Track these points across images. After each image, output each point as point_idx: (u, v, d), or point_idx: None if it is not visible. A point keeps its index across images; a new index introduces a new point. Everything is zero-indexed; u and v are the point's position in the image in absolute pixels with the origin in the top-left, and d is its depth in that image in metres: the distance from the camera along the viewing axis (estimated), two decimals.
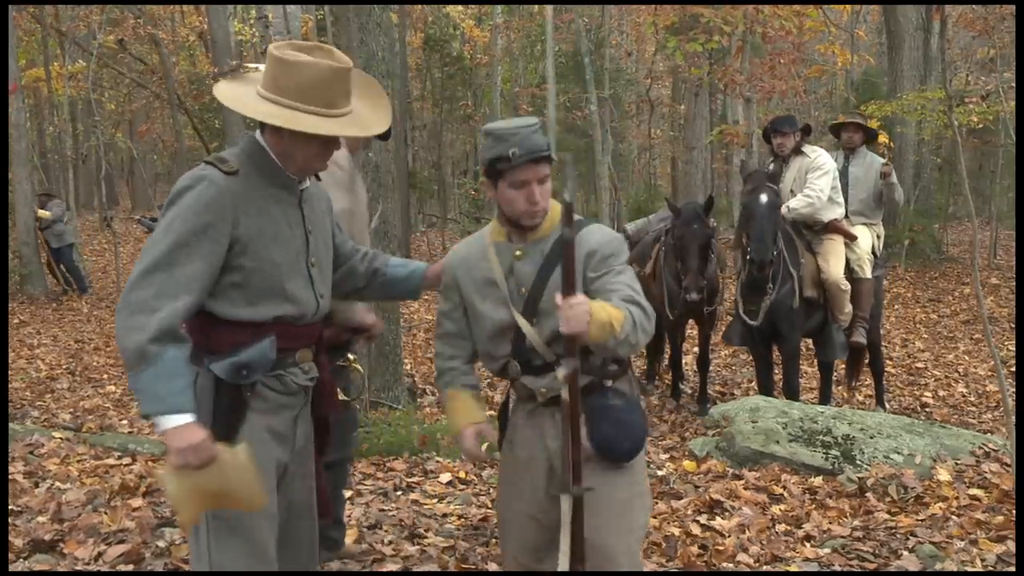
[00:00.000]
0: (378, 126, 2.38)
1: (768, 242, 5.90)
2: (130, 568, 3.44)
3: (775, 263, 6.05)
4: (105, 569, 3.42)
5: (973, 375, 8.48)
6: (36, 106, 24.77)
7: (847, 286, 6.34)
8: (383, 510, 4.14)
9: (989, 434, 5.81)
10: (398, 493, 4.55)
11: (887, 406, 7.14)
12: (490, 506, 4.32)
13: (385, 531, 3.89)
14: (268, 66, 2.28)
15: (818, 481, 4.56)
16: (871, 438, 4.85)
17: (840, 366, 7.23)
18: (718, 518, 4.04)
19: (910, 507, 4.17)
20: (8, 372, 8.06)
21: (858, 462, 4.68)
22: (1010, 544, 3.62)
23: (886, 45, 17.02)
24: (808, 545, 3.75)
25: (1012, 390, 7.14)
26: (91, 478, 4.52)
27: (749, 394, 7.01)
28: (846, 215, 6.66)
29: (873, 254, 6.73)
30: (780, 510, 4.16)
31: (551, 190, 2.46)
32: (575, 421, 2.31)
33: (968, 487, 4.35)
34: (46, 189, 16.31)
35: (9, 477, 4.41)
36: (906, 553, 3.61)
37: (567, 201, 2.16)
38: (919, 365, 8.97)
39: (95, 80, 19.15)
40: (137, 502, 4.08)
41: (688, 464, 4.98)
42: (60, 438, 5.40)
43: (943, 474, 4.49)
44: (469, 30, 21.82)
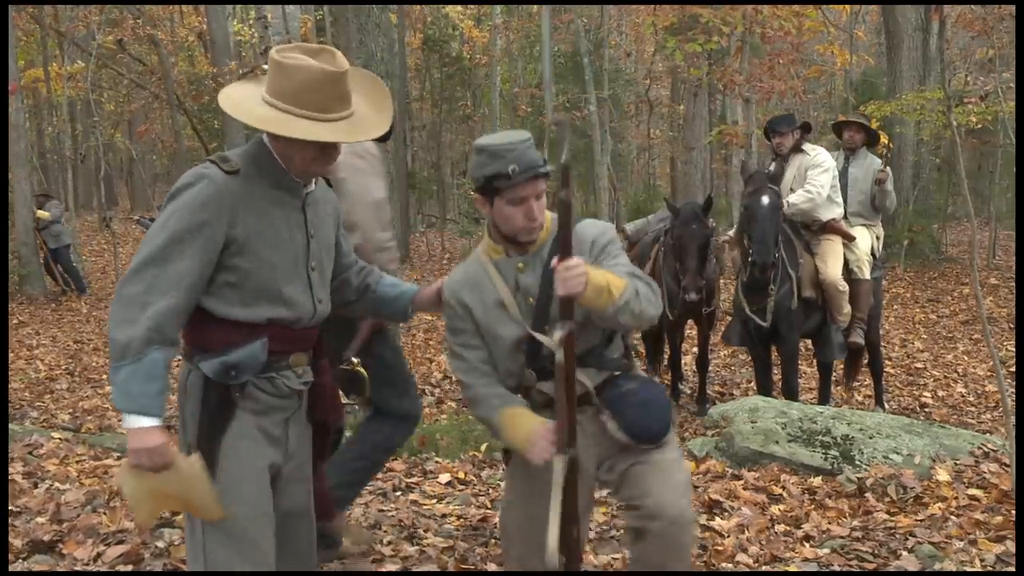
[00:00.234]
0: (376, 130, 2.36)
1: (770, 244, 5.90)
2: (129, 568, 3.44)
3: (775, 264, 6.05)
4: (104, 569, 3.42)
5: (972, 375, 8.49)
6: (35, 107, 24.76)
7: (845, 287, 6.34)
8: (382, 510, 4.13)
9: (988, 434, 5.81)
10: (397, 493, 4.55)
11: (886, 406, 7.14)
12: (489, 506, 4.32)
13: (384, 531, 3.88)
14: (269, 69, 2.28)
15: (817, 481, 4.56)
16: (870, 438, 4.85)
17: (839, 366, 7.23)
18: (717, 518, 4.04)
19: (909, 507, 4.17)
20: (8, 373, 8.05)
21: (857, 462, 4.68)
22: (1009, 544, 3.62)
23: (885, 45, 17.03)
24: (807, 545, 3.75)
25: (1011, 390, 7.14)
26: (90, 479, 4.52)
27: (748, 394, 7.01)
28: (845, 216, 6.66)
29: (872, 255, 6.73)
30: (779, 510, 4.16)
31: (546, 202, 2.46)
32: (571, 383, 2.32)
33: (967, 487, 4.35)
34: (44, 190, 16.32)
35: (8, 477, 4.40)
36: (905, 553, 3.61)
37: (565, 165, 2.18)
38: (918, 365, 8.97)
39: (94, 80, 19.13)
40: None
41: (687, 464, 4.98)
42: (59, 438, 5.39)
43: (942, 474, 4.49)
44: (468, 30, 21.84)
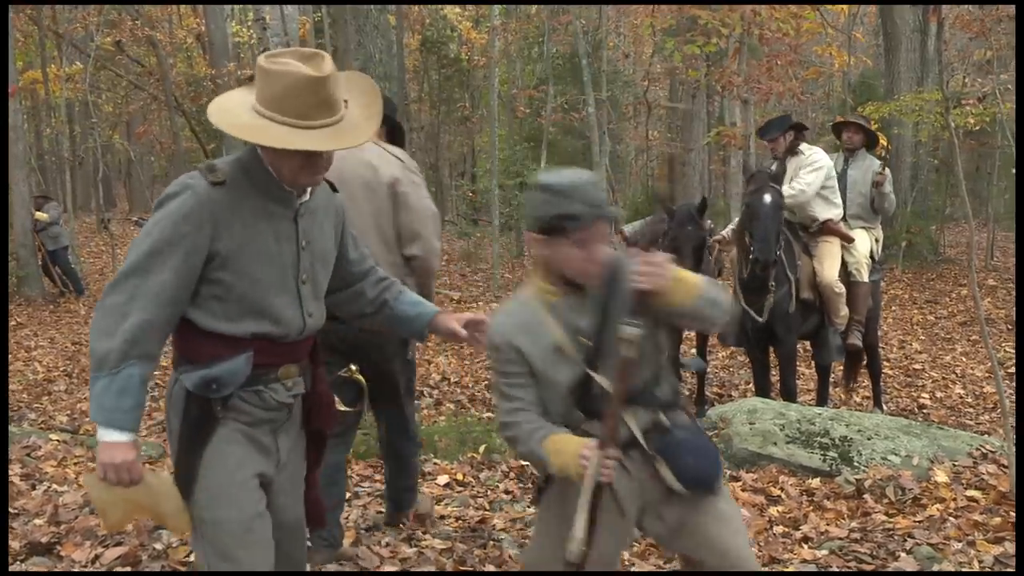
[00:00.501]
0: (359, 137, 2.25)
1: (772, 241, 5.90)
2: (127, 570, 3.44)
3: (777, 263, 6.05)
4: (102, 571, 3.42)
5: (970, 376, 8.49)
6: (33, 108, 24.74)
7: (841, 289, 6.34)
8: (380, 512, 4.13)
9: (986, 435, 5.81)
10: None
11: (884, 407, 7.14)
12: (488, 508, 4.33)
13: (383, 533, 3.89)
14: (256, 75, 2.22)
15: (816, 483, 4.56)
16: (868, 439, 4.86)
17: (837, 368, 7.23)
18: None
19: (907, 509, 4.17)
20: (7, 374, 8.04)
21: (856, 464, 4.69)
22: (1008, 545, 3.62)
23: (883, 47, 17.04)
24: (806, 547, 3.76)
25: (1009, 392, 7.14)
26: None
27: (746, 396, 7.01)
28: (844, 218, 6.66)
29: (871, 258, 6.72)
30: (778, 512, 4.16)
31: None
32: (623, 381, 2.24)
33: (965, 488, 4.35)
34: (42, 191, 16.32)
35: (7, 479, 4.40)
36: (904, 555, 3.61)
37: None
38: (916, 366, 8.97)
39: (92, 82, 19.13)
40: None
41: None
42: (57, 440, 5.39)
43: (940, 475, 4.49)
44: (466, 32, 21.83)
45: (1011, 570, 3.45)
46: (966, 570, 3.48)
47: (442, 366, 8.54)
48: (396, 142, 3.73)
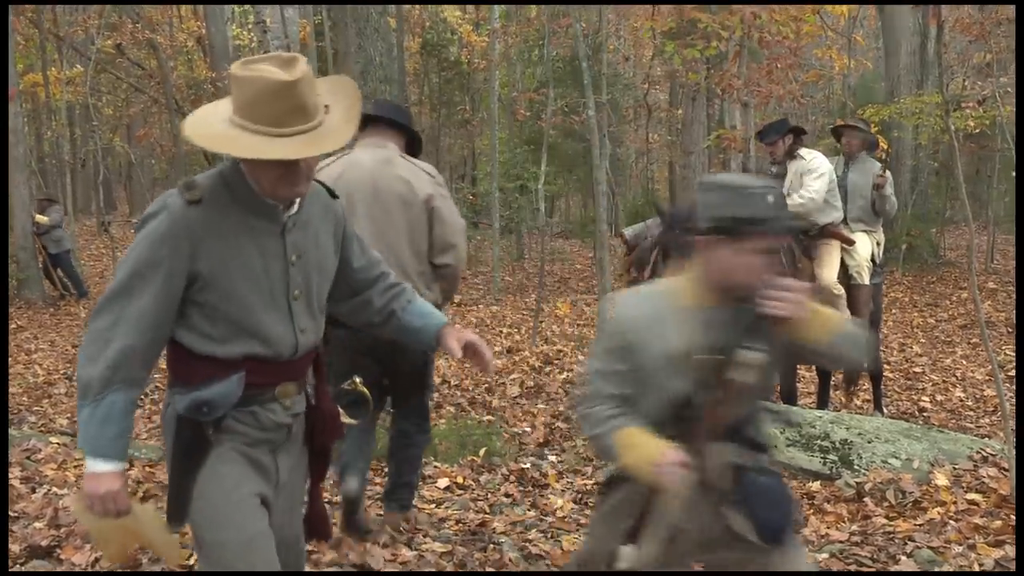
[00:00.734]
0: (335, 142, 2.11)
1: None
2: (127, 571, 3.43)
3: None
4: (102, 572, 3.42)
5: (971, 379, 8.49)
6: (34, 111, 24.76)
7: (840, 291, 6.33)
8: (380, 515, 4.13)
9: (987, 439, 5.81)
10: None
11: (885, 411, 7.13)
12: (488, 511, 4.32)
13: (382, 536, 3.88)
14: (230, 83, 2.13)
15: (816, 486, 4.56)
16: (869, 443, 4.85)
17: (838, 372, 7.21)
18: None
19: (908, 512, 4.17)
20: (8, 377, 8.04)
21: (856, 467, 4.68)
22: (1008, 549, 3.62)
23: (883, 50, 17.07)
24: (806, 550, 3.75)
25: (1009, 395, 7.13)
26: None
27: None
28: (845, 221, 6.65)
29: (873, 261, 6.72)
30: None
31: None
32: (729, 407, 2.15)
33: (966, 492, 4.35)
34: (47, 194, 16.31)
35: (8, 483, 4.40)
36: (904, 558, 3.61)
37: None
38: (916, 369, 8.97)
39: (93, 85, 19.14)
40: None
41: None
42: (57, 443, 5.39)
43: (941, 479, 4.49)
44: (467, 35, 21.85)
45: (1012, 573, 3.45)
46: (967, 570, 3.47)
47: (442, 369, 8.54)
48: (413, 152, 3.93)
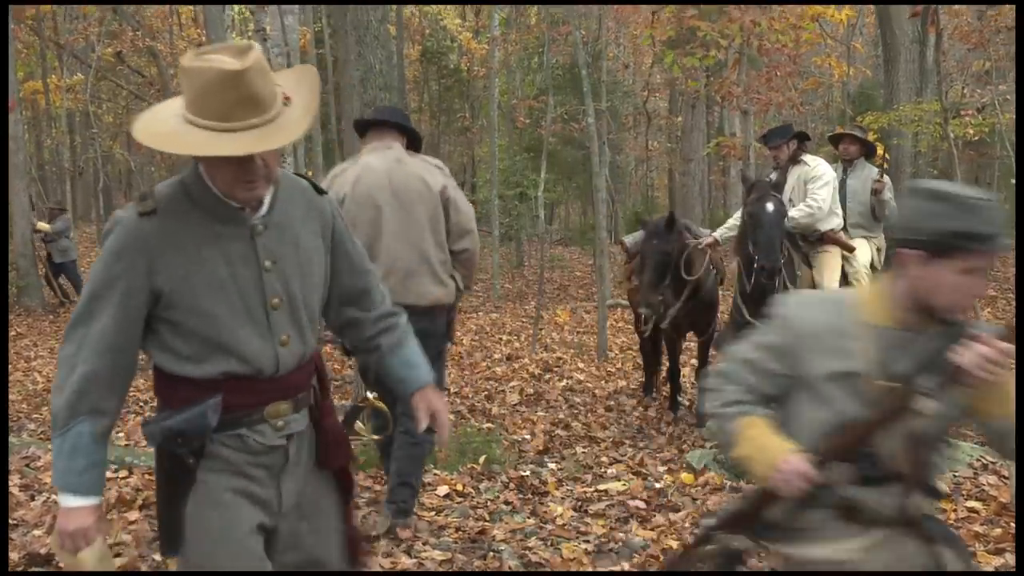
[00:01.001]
0: (289, 136, 1.90)
1: (777, 249, 5.87)
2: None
3: (782, 270, 6.04)
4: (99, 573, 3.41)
5: None
6: (34, 118, 24.82)
7: None
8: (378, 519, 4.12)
9: (986, 446, 5.80)
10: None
11: None
12: (487, 519, 4.32)
13: (382, 544, 3.88)
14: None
15: None
16: None
17: None
18: None
19: None
20: (8, 385, 8.04)
21: None
22: (1008, 557, 3.61)
23: (882, 58, 17.07)
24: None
25: None
26: None
27: None
28: (845, 227, 6.66)
29: (873, 268, 6.72)
30: None
31: None
32: (911, 459, 1.99)
33: (966, 499, 4.34)
34: (56, 202, 16.31)
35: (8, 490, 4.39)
36: None
37: None
38: None
39: (93, 92, 19.19)
40: (134, 515, 4.06)
41: (686, 476, 4.98)
42: None
43: (941, 486, 4.48)
44: (467, 43, 21.91)
45: None
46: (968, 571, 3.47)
47: None
48: (415, 149, 4.18)
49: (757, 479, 2.08)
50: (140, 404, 7.39)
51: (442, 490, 4.80)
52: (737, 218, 6.49)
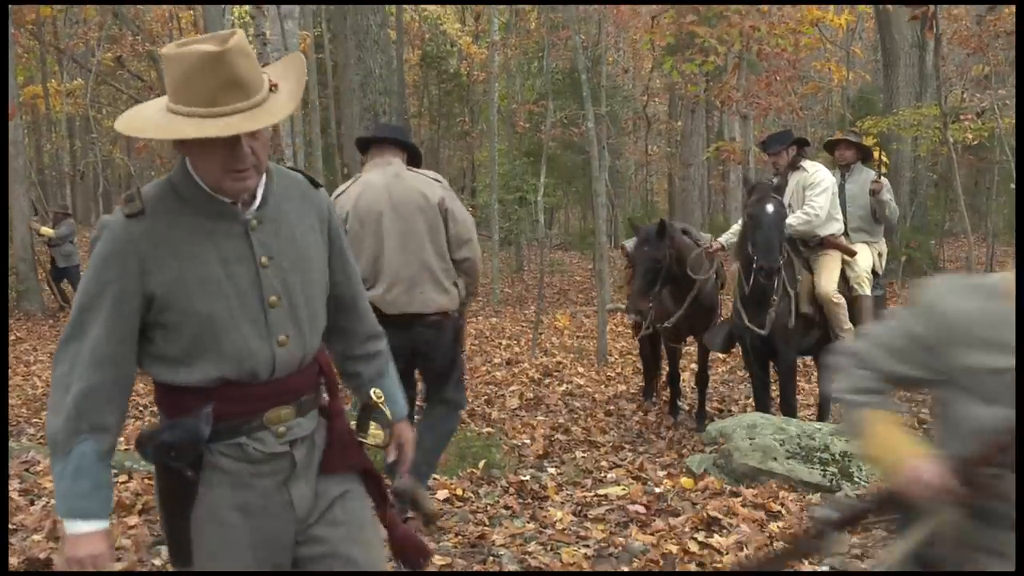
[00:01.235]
0: (276, 115, 1.83)
1: (776, 249, 5.86)
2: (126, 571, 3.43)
3: (778, 281, 6.03)
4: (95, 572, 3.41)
5: None
6: (34, 123, 24.82)
7: (840, 299, 6.32)
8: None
9: None
10: (394, 510, 4.53)
11: None
12: (487, 524, 4.31)
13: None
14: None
15: (816, 498, 4.55)
16: None
17: None
18: (716, 535, 4.03)
19: None
20: (8, 389, 8.03)
21: (856, 479, 4.68)
22: None
23: (882, 62, 17.13)
24: (806, 563, 3.74)
25: None
26: None
27: (746, 411, 7.00)
28: (846, 232, 6.65)
29: (874, 273, 6.72)
30: (778, 527, 4.15)
31: None
32: None
33: None
34: (61, 206, 16.30)
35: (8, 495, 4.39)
36: None
37: None
38: None
39: (93, 97, 19.20)
40: (133, 520, 4.06)
41: (686, 481, 4.97)
42: None
43: None
44: (466, 47, 21.94)
45: None
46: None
47: None
48: (415, 164, 4.33)
49: (883, 479, 1.96)
50: (140, 408, 7.38)
51: (442, 494, 4.79)
52: (740, 224, 6.50)
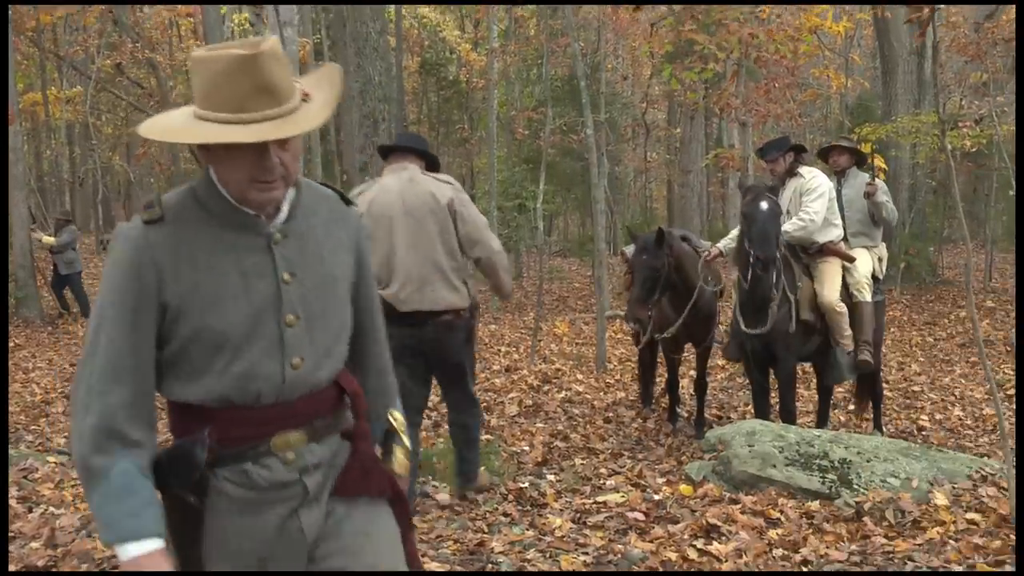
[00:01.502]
0: (310, 123, 1.73)
1: (772, 240, 5.84)
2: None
3: (776, 279, 6.02)
4: (95, 572, 3.40)
5: (969, 398, 8.48)
6: (33, 130, 24.86)
7: (843, 308, 6.33)
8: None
9: (986, 458, 5.80)
10: None
11: (884, 430, 7.13)
12: (486, 531, 4.31)
13: None
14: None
15: (815, 505, 4.54)
16: (868, 462, 4.84)
17: (837, 390, 7.21)
18: (715, 543, 4.03)
19: (907, 531, 4.15)
20: (7, 396, 8.02)
21: (855, 486, 4.67)
22: (1008, 568, 3.61)
23: (880, 69, 17.17)
24: (805, 570, 3.74)
25: (1008, 413, 7.14)
26: (85, 503, 4.50)
27: (746, 418, 7.00)
28: (845, 237, 6.66)
29: (874, 278, 6.72)
30: (777, 535, 4.15)
31: None
32: None
33: (965, 511, 4.33)
34: (63, 213, 16.29)
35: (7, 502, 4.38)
36: None
37: None
38: (915, 388, 8.96)
39: (92, 104, 19.23)
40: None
41: (684, 488, 4.96)
42: (54, 463, 5.37)
43: (940, 498, 4.47)
44: (465, 54, 21.96)
45: None
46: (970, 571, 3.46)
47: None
48: (433, 170, 4.55)
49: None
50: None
51: (441, 501, 4.79)
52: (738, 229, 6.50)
